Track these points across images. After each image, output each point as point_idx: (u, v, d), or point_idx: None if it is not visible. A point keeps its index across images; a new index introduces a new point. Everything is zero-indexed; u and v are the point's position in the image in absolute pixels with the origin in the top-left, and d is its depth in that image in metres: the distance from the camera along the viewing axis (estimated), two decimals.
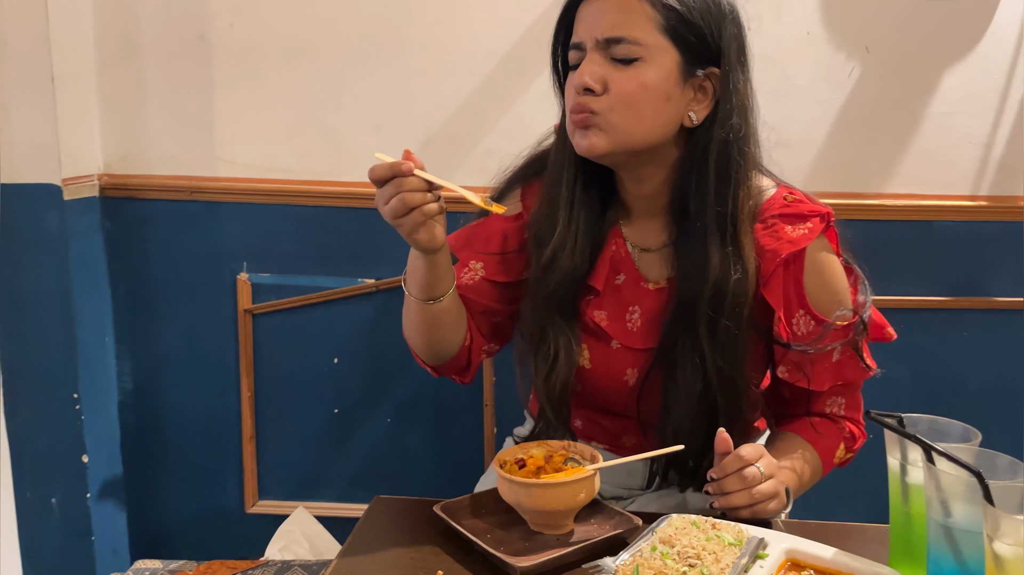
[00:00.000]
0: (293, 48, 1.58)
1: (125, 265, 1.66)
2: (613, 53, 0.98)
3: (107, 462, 1.68)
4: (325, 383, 1.69)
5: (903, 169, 1.58)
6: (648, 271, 1.10)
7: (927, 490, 0.75)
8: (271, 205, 1.62)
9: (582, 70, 0.99)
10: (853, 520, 1.73)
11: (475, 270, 1.16)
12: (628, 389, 1.10)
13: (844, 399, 1.13)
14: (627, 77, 0.98)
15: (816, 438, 1.11)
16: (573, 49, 1.03)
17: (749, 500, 0.94)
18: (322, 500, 1.73)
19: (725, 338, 1.01)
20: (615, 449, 1.18)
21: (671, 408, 1.05)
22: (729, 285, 1.00)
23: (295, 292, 1.65)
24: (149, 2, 1.58)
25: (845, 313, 1.05)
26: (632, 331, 1.10)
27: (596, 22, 0.99)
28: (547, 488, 0.88)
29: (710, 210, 1.00)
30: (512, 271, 1.16)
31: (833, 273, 1.07)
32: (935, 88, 1.54)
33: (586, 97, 0.99)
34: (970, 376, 1.63)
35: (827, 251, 1.07)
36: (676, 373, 1.04)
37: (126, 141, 1.63)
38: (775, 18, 1.53)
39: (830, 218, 1.06)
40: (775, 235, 1.03)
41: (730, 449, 0.95)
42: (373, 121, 1.60)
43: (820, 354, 1.06)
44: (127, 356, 1.70)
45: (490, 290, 1.16)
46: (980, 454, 0.76)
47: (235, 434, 1.71)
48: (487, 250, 1.16)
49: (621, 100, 0.98)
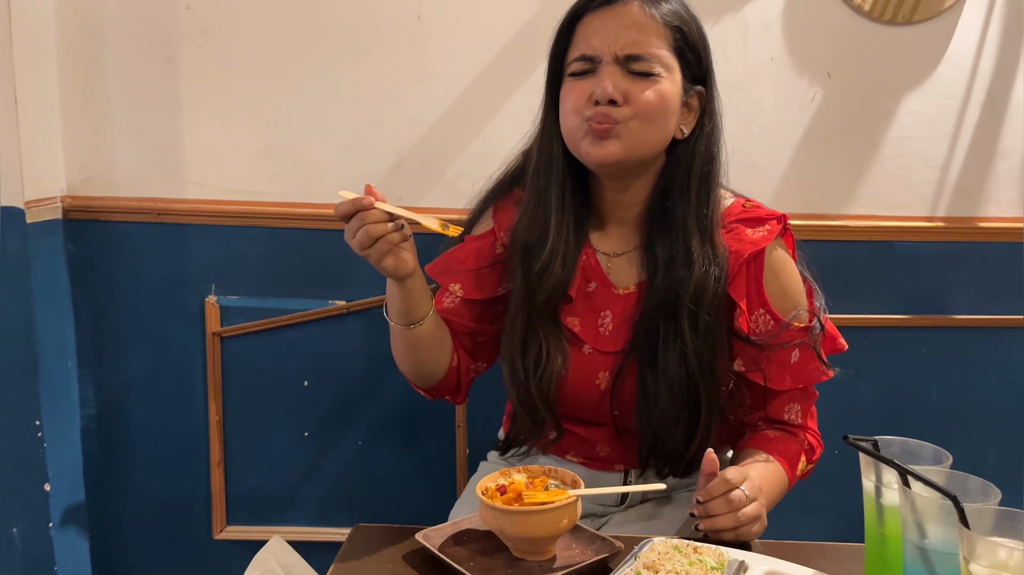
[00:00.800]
0: (263, 70, 1.57)
1: (89, 289, 1.63)
2: (632, 67, 1.04)
3: (70, 490, 1.64)
4: (295, 406, 1.68)
5: (864, 191, 1.62)
6: (617, 277, 1.15)
7: (903, 512, 0.77)
8: (240, 227, 1.61)
9: (605, 82, 1.03)
10: (821, 537, 1.77)
11: (454, 292, 1.19)
12: (600, 393, 1.14)
13: (800, 406, 1.16)
14: (647, 90, 1.04)
15: (780, 452, 1.13)
16: (580, 60, 1.06)
17: (734, 523, 0.95)
18: (293, 525, 1.70)
19: (705, 330, 1.07)
20: (590, 461, 1.20)
21: (656, 399, 1.08)
22: (709, 281, 1.06)
23: (264, 314, 1.64)
24: (115, 23, 1.56)
25: (801, 314, 1.11)
26: (604, 335, 1.14)
27: (615, 37, 1.04)
28: (530, 515, 0.88)
29: (691, 215, 1.07)
30: (487, 288, 1.19)
31: (791, 274, 1.13)
32: (894, 112, 1.59)
33: (608, 107, 1.03)
34: (929, 392, 1.68)
35: (784, 252, 1.14)
36: (659, 364, 1.08)
37: (90, 163, 1.60)
38: (740, 43, 1.56)
39: (786, 220, 1.14)
40: (737, 238, 1.10)
41: (716, 470, 0.96)
42: (344, 143, 1.59)
43: (778, 353, 1.11)
44: (90, 381, 1.66)
45: (470, 310, 1.19)
46: (952, 476, 0.78)
47: (203, 459, 1.68)
48: (463, 269, 1.19)
49: (643, 111, 1.04)
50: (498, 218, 1.20)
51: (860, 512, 1.76)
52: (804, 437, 1.17)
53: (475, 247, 1.20)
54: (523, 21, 1.55)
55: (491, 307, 1.20)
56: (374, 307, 1.63)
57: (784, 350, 1.11)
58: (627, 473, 1.20)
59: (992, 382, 1.66)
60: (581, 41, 1.07)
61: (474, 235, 1.22)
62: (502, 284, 1.18)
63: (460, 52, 1.56)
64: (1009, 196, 1.62)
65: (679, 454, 1.12)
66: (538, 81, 1.54)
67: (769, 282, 1.11)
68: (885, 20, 1.55)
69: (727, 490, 0.95)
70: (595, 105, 1.04)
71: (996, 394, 1.67)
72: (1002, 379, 1.66)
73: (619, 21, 1.04)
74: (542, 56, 1.14)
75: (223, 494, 1.70)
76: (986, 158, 1.61)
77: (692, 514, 0.98)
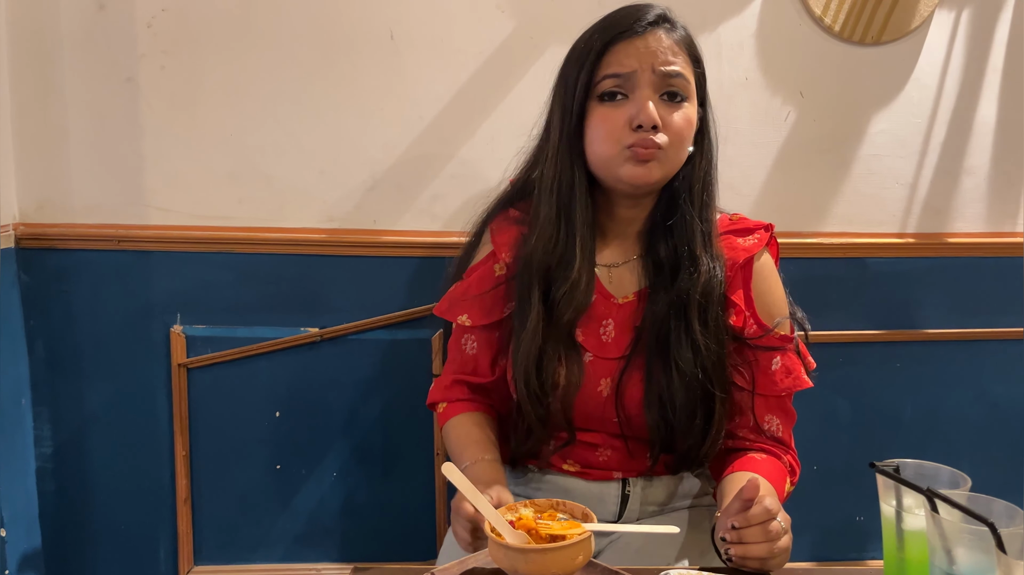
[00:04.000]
0: (230, 90, 1.52)
1: (44, 320, 1.55)
2: (666, 87, 1.07)
3: (25, 535, 1.55)
4: (266, 438, 1.61)
5: (837, 209, 1.64)
6: (617, 288, 1.17)
7: (930, 539, 0.76)
8: (207, 253, 1.55)
9: (649, 107, 1.05)
10: (800, 556, 1.77)
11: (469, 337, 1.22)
12: (603, 399, 1.15)
13: (779, 419, 1.17)
14: (679, 115, 1.08)
15: (768, 475, 1.12)
16: (612, 78, 1.07)
17: (767, 554, 0.93)
18: (265, 562, 1.64)
19: (715, 325, 1.12)
20: (588, 469, 1.20)
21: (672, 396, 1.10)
22: (714, 282, 1.11)
23: (233, 344, 1.57)
24: (71, 42, 1.49)
25: (783, 322, 1.16)
26: (607, 342, 1.16)
27: (654, 56, 1.07)
28: (545, 553, 0.85)
29: (696, 223, 1.12)
30: (495, 311, 1.20)
31: (776, 281, 1.19)
32: (864, 131, 1.62)
33: (652, 133, 1.05)
34: (903, 406, 1.70)
35: (770, 260, 1.20)
36: (673, 362, 1.10)
37: (45, 188, 1.53)
38: (714, 64, 1.57)
39: (772, 229, 1.20)
40: (730, 246, 1.16)
41: (755, 496, 0.94)
42: (316, 166, 1.55)
43: (761, 360, 1.14)
44: (46, 419, 1.58)
45: (485, 336, 1.22)
46: (975, 500, 0.77)
47: (168, 496, 1.61)
48: (467, 297, 1.20)
49: (676, 136, 1.08)
50: (496, 239, 1.21)
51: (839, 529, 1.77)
52: (787, 459, 1.18)
53: (477, 275, 1.22)
54: (498, 42, 1.53)
55: (502, 330, 1.21)
56: (348, 334, 1.58)
57: (767, 357, 1.14)
58: (625, 482, 1.20)
59: (964, 394, 1.70)
60: (609, 64, 1.08)
61: (474, 263, 1.23)
62: (507, 304, 1.19)
63: (434, 72, 1.54)
64: (975, 212, 1.66)
65: (695, 447, 1.14)
66: (514, 102, 1.54)
67: (756, 287, 1.16)
68: (855, 41, 1.57)
69: (766, 519, 0.93)
70: (637, 130, 1.06)
71: (968, 406, 1.70)
72: (973, 391, 1.70)
73: (649, 46, 1.07)
74: (517, 77, 1.12)
75: (190, 532, 1.62)
76: (952, 176, 1.64)
77: (723, 538, 0.95)
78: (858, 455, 1.71)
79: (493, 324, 1.20)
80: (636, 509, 1.21)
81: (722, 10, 1.56)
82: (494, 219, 1.22)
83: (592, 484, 1.20)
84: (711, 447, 1.14)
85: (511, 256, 1.18)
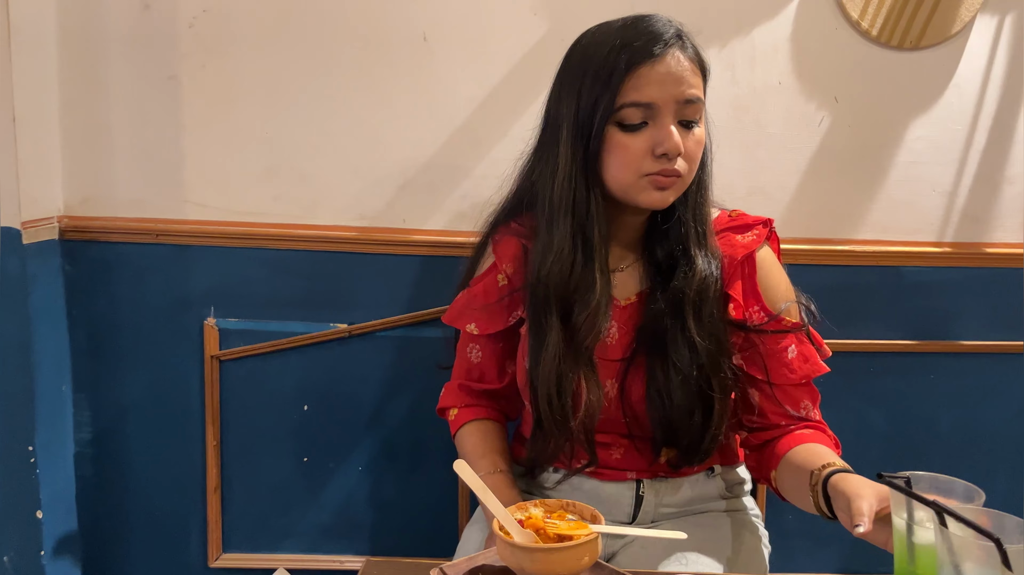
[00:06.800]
0: (268, 90, 1.55)
1: (86, 310, 1.60)
2: (684, 114, 1.07)
3: (63, 517, 1.60)
4: (295, 431, 1.64)
5: (871, 216, 1.61)
6: (620, 291, 1.19)
7: (939, 553, 0.75)
8: (242, 248, 1.58)
9: (674, 136, 1.06)
10: (829, 568, 1.75)
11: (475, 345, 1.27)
12: (610, 400, 1.16)
13: (807, 400, 1.18)
14: (693, 140, 1.09)
15: (824, 443, 1.13)
16: (634, 108, 1.06)
17: None
18: (291, 552, 1.67)
19: (710, 323, 1.13)
20: (602, 470, 1.21)
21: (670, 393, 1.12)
22: (711, 280, 1.13)
23: (265, 337, 1.61)
24: (117, 41, 1.54)
25: (790, 306, 1.17)
26: (611, 344, 1.17)
27: (675, 85, 1.06)
28: (551, 553, 0.86)
29: (690, 223, 1.14)
30: (499, 321, 1.23)
31: (780, 272, 1.20)
32: (901, 138, 1.59)
33: (674, 161, 1.08)
34: (938, 418, 1.67)
35: (771, 252, 1.21)
36: (670, 360, 1.12)
37: (89, 183, 1.58)
38: (748, 68, 1.56)
39: (771, 224, 1.21)
40: (729, 244, 1.17)
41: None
42: (350, 165, 1.57)
43: (775, 349, 1.15)
44: (85, 406, 1.63)
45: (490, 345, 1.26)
46: (987, 515, 0.76)
47: (199, 485, 1.65)
48: (474, 308, 1.24)
49: (692, 161, 1.10)
50: (498, 251, 1.24)
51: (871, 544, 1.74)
52: (830, 434, 1.19)
53: (482, 286, 1.25)
54: (531, 44, 1.54)
55: (507, 339, 1.25)
56: (377, 330, 1.61)
57: (781, 345, 1.15)
58: (639, 483, 1.21)
59: (1001, 408, 1.65)
60: (632, 90, 1.05)
61: (478, 275, 1.26)
62: (512, 314, 1.22)
63: (467, 74, 1.55)
64: (1016, 222, 1.62)
65: (695, 444, 1.15)
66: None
67: (761, 279, 1.17)
68: (893, 45, 1.54)
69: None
70: (660, 157, 1.07)
71: (1005, 421, 1.66)
72: (1011, 406, 1.65)
73: (671, 71, 1.06)
74: (549, 79, 1.12)
75: (219, 521, 1.66)
76: (993, 184, 1.61)
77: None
78: (891, 466, 1.66)
79: (498, 334, 1.24)
80: (651, 511, 1.21)
81: (757, 13, 1.55)
82: (496, 231, 1.25)
83: (607, 484, 1.21)
84: (711, 443, 1.15)
85: (513, 268, 1.21)
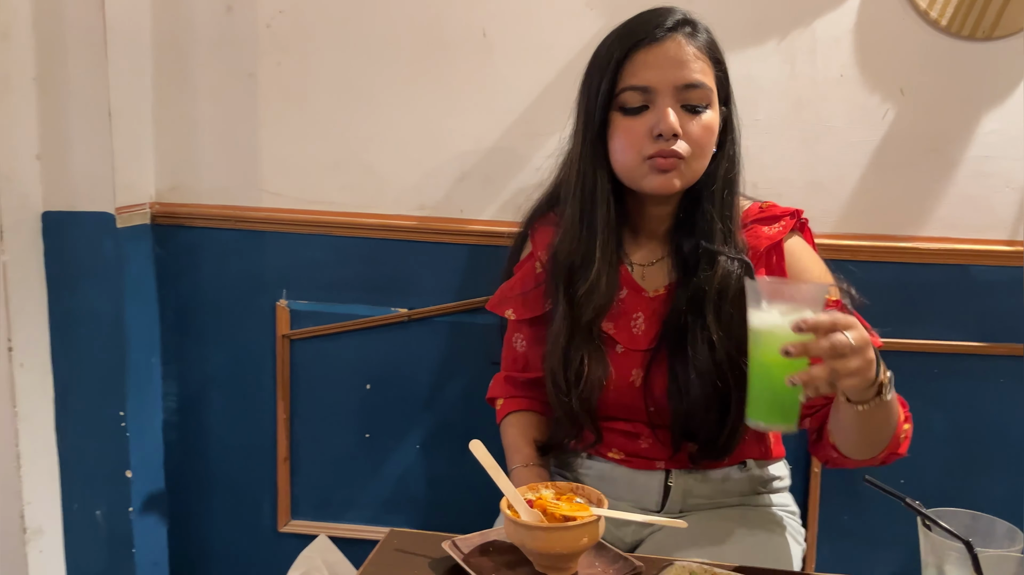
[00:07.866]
0: (337, 86, 1.64)
1: (173, 290, 1.74)
2: (686, 99, 1.09)
3: (150, 478, 1.75)
4: (357, 408, 1.74)
5: (938, 212, 1.56)
6: (649, 284, 1.22)
7: (923, 555, 0.75)
8: (311, 235, 1.68)
9: (669, 117, 1.08)
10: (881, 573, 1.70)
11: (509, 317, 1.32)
12: (635, 389, 1.19)
13: None
14: (699, 124, 1.11)
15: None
16: (632, 91, 1.10)
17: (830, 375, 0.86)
18: (351, 522, 1.77)
19: (729, 322, 1.13)
20: (631, 458, 1.24)
21: (688, 389, 1.13)
22: (731, 278, 1.13)
23: (331, 319, 1.71)
24: (204, 40, 1.66)
25: (830, 288, 1.14)
26: (637, 335, 1.20)
27: (673, 69, 1.09)
28: (551, 532, 0.90)
29: (716, 220, 1.15)
30: (536, 307, 1.28)
31: (812, 258, 1.21)
32: (972, 131, 1.53)
33: (672, 142, 1.09)
34: (1007, 424, 1.60)
35: (801, 239, 1.21)
36: (689, 355, 1.13)
37: (177, 172, 1.71)
38: (808, 60, 1.54)
39: (800, 214, 1.22)
40: (754, 235, 1.19)
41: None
42: (412, 157, 1.65)
43: None
44: (173, 377, 1.77)
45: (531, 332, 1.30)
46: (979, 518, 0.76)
47: (270, 455, 1.77)
48: (513, 295, 1.30)
49: (696, 145, 1.11)
50: (536, 239, 1.29)
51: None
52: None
53: (521, 274, 1.31)
54: (586, 39, 1.56)
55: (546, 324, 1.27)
56: (434, 315, 1.68)
57: None
58: (668, 473, 1.23)
59: None
60: (631, 75, 1.10)
61: (519, 263, 1.32)
62: (546, 301, 1.25)
63: (524, 69, 1.59)
64: None
65: (713, 439, 1.16)
66: None
67: (791, 266, 1.18)
68: (964, 35, 1.49)
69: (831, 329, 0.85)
70: (657, 139, 1.09)
71: None
72: None
73: (669, 55, 1.09)
74: None
75: (288, 489, 1.78)
76: None
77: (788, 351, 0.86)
78: (955, 472, 1.63)
79: (537, 319, 1.27)
80: (678, 501, 1.23)
81: (819, 5, 1.52)
82: (536, 219, 1.30)
83: (637, 473, 1.24)
84: (729, 439, 1.15)
85: (547, 255, 1.24)
